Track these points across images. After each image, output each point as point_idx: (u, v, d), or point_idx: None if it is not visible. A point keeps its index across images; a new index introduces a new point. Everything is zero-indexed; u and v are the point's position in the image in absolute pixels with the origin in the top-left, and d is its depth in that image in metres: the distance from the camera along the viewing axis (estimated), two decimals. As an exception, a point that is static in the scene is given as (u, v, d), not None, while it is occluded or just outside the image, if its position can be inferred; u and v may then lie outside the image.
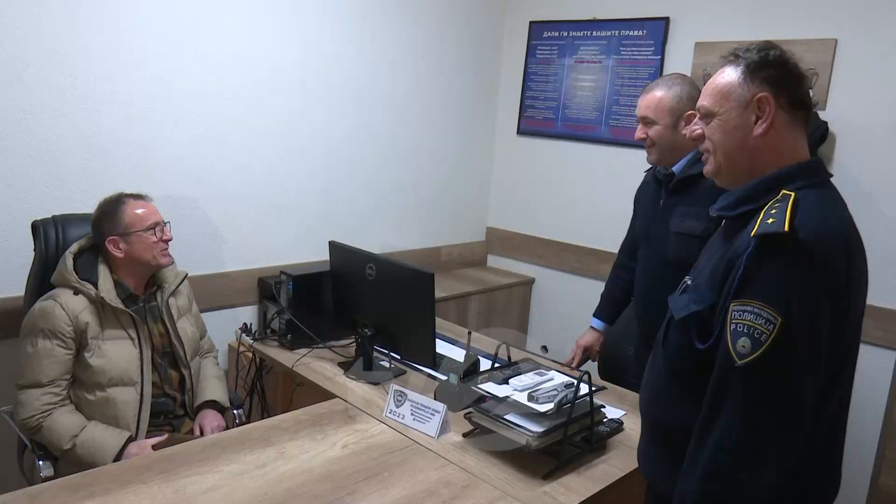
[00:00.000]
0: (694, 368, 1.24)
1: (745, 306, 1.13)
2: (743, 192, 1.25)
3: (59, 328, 1.86)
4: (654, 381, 1.38)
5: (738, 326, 1.13)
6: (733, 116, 1.25)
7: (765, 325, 1.11)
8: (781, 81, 1.23)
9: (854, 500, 2.72)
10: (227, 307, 2.83)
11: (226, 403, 2.17)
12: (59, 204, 2.29)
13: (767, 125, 1.23)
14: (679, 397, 1.30)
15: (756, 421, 1.13)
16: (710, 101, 1.29)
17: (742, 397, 1.13)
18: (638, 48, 3.27)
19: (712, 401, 1.18)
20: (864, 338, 2.61)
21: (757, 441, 1.13)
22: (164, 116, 2.51)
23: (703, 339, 1.22)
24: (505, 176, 3.94)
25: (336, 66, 3.03)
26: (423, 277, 2.08)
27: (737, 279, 1.15)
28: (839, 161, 2.71)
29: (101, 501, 1.45)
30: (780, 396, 1.13)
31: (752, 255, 1.14)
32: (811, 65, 2.72)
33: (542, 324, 3.84)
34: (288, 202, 2.98)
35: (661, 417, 1.36)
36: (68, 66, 2.26)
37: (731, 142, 1.26)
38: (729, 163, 1.28)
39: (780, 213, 1.13)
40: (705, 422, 1.19)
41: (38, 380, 1.86)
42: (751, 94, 1.23)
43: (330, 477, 1.63)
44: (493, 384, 1.80)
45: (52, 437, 1.85)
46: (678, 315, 1.28)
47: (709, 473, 1.16)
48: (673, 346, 1.31)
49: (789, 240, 1.11)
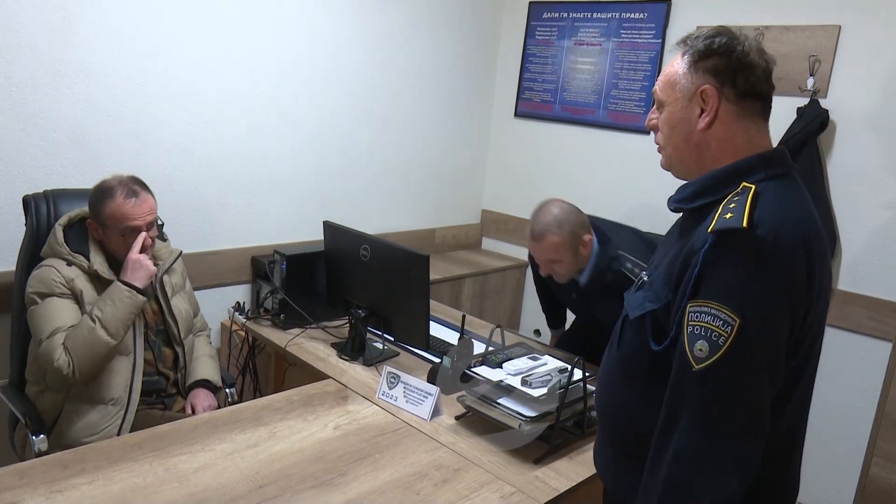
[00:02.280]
0: (649, 369, 1.19)
1: (702, 307, 1.06)
2: (700, 185, 1.18)
3: (56, 288, 1.86)
4: (609, 380, 1.32)
5: (695, 329, 1.07)
6: (678, 109, 1.19)
7: (722, 326, 1.04)
8: (727, 71, 1.14)
9: (844, 492, 2.75)
10: (219, 286, 2.81)
11: (218, 383, 2.16)
12: (50, 179, 2.26)
13: (710, 118, 1.15)
14: (634, 398, 1.24)
15: (714, 428, 1.06)
16: (661, 91, 1.22)
17: (700, 403, 1.07)
18: (639, 31, 3.24)
19: (669, 409, 1.11)
20: (859, 329, 2.68)
21: (716, 450, 1.06)
22: (157, 93, 2.48)
23: (658, 340, 1.16)
24: (501, 158, 3.92)
25: (331, 46, 2.99)
26: (418, 260, 2.07)
27: (693, 278, 1.08)
28: (838, 149, 2.70)
29: (91, 478, 1.45)
30: (738, 402, 1.06)
31: (708, 252, 1.06)
32: (813, 51, 2.70)
33: (535, 308, 3.83)
34: (282, 181, 2.95)
35: (614, 417, 1.30)
36: (60, 40, 2.22)
37: (678, 135, 1.20)
38: (678, 156, 1.22)
39: (738, 207, 1.06)
40: (663, 432, 1.12)
41: (57, 326, 1.83)
42: (694, 86, 1.16)
43: (321, 458, 1.63)
44: (487, 368, 1.80)
45: (85, 348, 1.80)
46: (633, 314, 1.21)
47: (669, 486, 1.09)
48: (627, 346, 1.25)
49: (747, 236, 1.04)
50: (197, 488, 1.46)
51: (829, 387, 2.76)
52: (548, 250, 2.14)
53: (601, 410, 1.35)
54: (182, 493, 1.44)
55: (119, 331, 1.85)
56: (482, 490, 1.56)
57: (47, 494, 1.38)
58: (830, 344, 2.76)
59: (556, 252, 2.14)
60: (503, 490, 1.57)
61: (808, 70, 2.72)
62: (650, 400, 1.17)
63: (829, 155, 2.72)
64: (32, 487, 1.40)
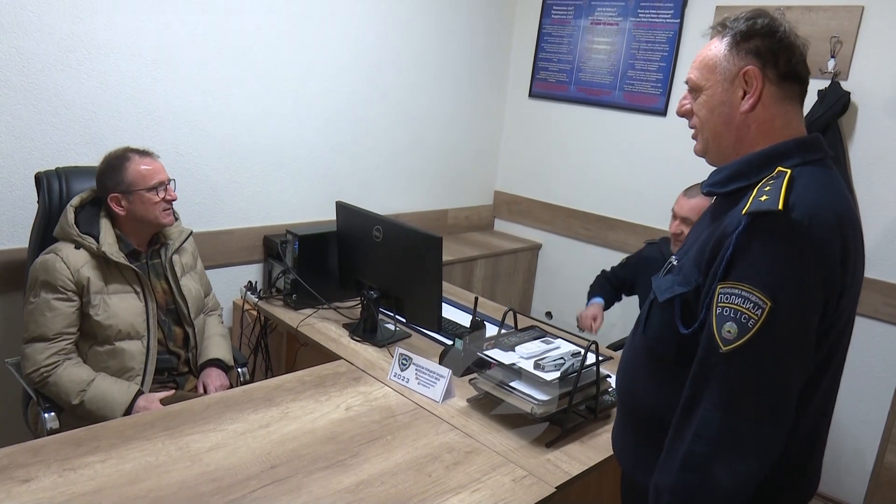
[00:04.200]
0: (675, 353, 1.18)
1: (733, 289, 1.05)
2: (734, 168, 1.18)
3: (59, 281, 1.85)
4: (633, 364, 1.31)
5: (724, 310, 1.06)
6: (719, 91, 1.17)
7: (753, 309, 1.03)
8: (770, 52, 1.14)
9: (858, 478, 2.73)
10: (231, 265, 2.81)
11: (230, 362, 2.16)
12: (62, 156, 2.26)
13: (754, 100, 1.15)
14: (658, 382, 1.23)
15: (738, 410, 1.06)
16: (697, 75, 1.21)
17: (724, 385, 1.07)
18: (656, 11, 3.18)
19: (693, 389, 1.11)
20: (874, 314, 2.64)
21: (738, 431, 1.06)
22: (169, 69, 2.46)
23: (686, 323, 1.15)
24: (515, 139, 3.88)
25: (345, 23, 2.96)
26: (431, 241, 2.05)
27: (725, 259, 1.07)
28: (860, 132, 2.65)
29: (104, 456, 1.45)
30: (764, 385, 1.06)
31: (742, 234, 1.05)
32: (835, 32, 2.64)
33: (547, 290, 3.83)
34: (294, 161, 2.94)
35: (637, 401, 1.29)
36: (72, 15, 2.20)
37: (717, 118, 1.19)
38: (716, 140, 1.21)
39: (774, 190, 1.05)
40: (685, 411, 1.12)
41: (43, 333, 1.85)
42: (737, 68, 1.15)
43: (333, 439, 1.63)
44: (500, 351, 1.79)
45: (60, 391, 1.85)
46: (662, 297, 1.20)
47: (687, 464, 1.09)
48: (655, 329, 1.24)
49: (783, 219, 1.03)
50: (209, 468, 1.46)
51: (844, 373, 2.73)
52: (692, 209, 2.23)
53: (623, 395, 1.35)
54: (194, 472, 1.44)
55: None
56: (494, 473, 1.55)
57: (60, 472, 1.38)
58: (846, 330, 2.74)
59: (696, 214, 2.18)
60: (515, 473, 1.56)
61: (829, 52, 2.66)
62: (675, 384, 1.16)
63: (851, 138, 2.67)
64: (46, 465, 1.40)
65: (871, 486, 2.65)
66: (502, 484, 1.52)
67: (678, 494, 1.10)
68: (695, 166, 2.07)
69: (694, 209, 2.22)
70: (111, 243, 1.93)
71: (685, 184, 2.33)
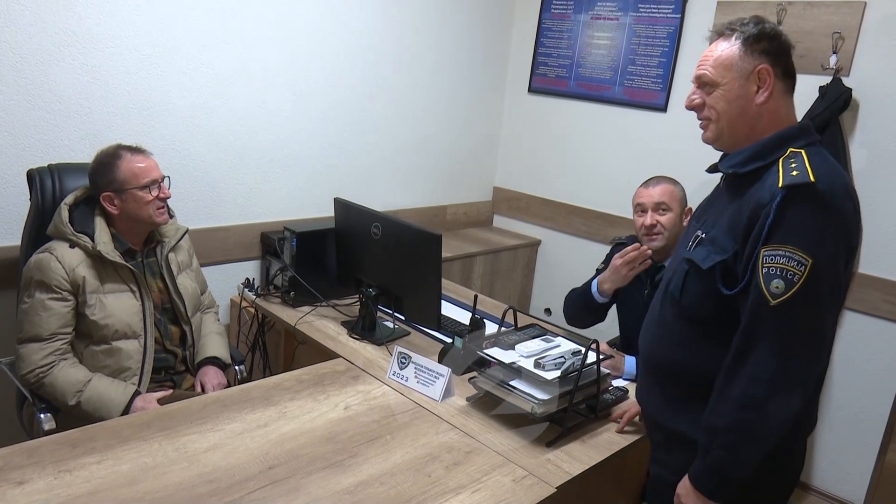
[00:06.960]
0: (714, 314, 1.36)
1: (777, 251, 1.23)
2: (753, 150, 1.36)
3: (53, 281, 1.82)
4: (662, 330, 1.47)
5: (770, 269, 1.24)
6: (736, 87, 1.36)
7: (797, 266, 1.22)
8: (777, 52, 1.35)
9: (859, 476, 2.72)
10: (228, 262, 2.79)
11: (227, 360, 2.14)
12: (56, 152, 2.23)
13: (768, 94, 1.34)
14: (696, 342, 1.40)
15: (790, 354, 1.24)
16: (713, 73, 1.38)
17: (777, 332, 1.24)
18: (657, 5, 3.15)
19: (745, 339, 1.27)
20: (875, 311, 2.64)
21: (791, 371, 1.25)
22: (165, 64, 2.43)
23: (728, 286, 1.32)
24: (514, 135, 3.86)
25: (343, 18, 2.93)
26: (430, 239, 2.03)
27: (767, 226, 1.24)
28: (862, 129, 2.63)
29: (101, 457, 1.44)
30: (810, 328, 1.25)
31: (781, 204, 1.23)
32: (837, 28, 2.61)
33: (546, 286, 3.81)
34: (292, 156, 2.91)
35: (672, 361, 1.45)
36: (66, 10, 2.17)
37: (734, 110, 1.37)
38: (731, 129, 1.39)
39: (800, 166, 1.25)
40: (736, 361, 1.28)
41: (38, 333, 1.83)
42: (752, 66, 1.34)
43: (331, 438, 1.61)
44: (500, 349, 1.77)
45: (56, 392, 1.83)
46: (706, 265, 1.35)
47: (745, 404, 1.26)
48: (692, 296, 1.39)
49: (814, 190, 1.23)
50: (206, 469, 1.44)
51: (845, 371, 2.73)
52: (663, 193, 2.19)
53: (653, 361, 1.51)
54: (191, 473, 1.42)
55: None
56: (494, 473, 1.54)
57: (55, 474, 1.37)
58: (845, 327, 2.72)
59: (669, 197, 2.18)
60: (515, 473, 1.55)
61: (830, 47, 2.64)
62: (713, 343, 1.35)
63: (852, 133, 2.65)
64: (41, 466, 1.38)
65: (873, 483, 2.64)
66: (502, 484, 1.50)
67: (736, 431, 1.27)
68: (695, 161, 2.07)
69: (665, 193, 2.19)
70: (106, 242, 1.91)
71: (687, 179, 2.31)
